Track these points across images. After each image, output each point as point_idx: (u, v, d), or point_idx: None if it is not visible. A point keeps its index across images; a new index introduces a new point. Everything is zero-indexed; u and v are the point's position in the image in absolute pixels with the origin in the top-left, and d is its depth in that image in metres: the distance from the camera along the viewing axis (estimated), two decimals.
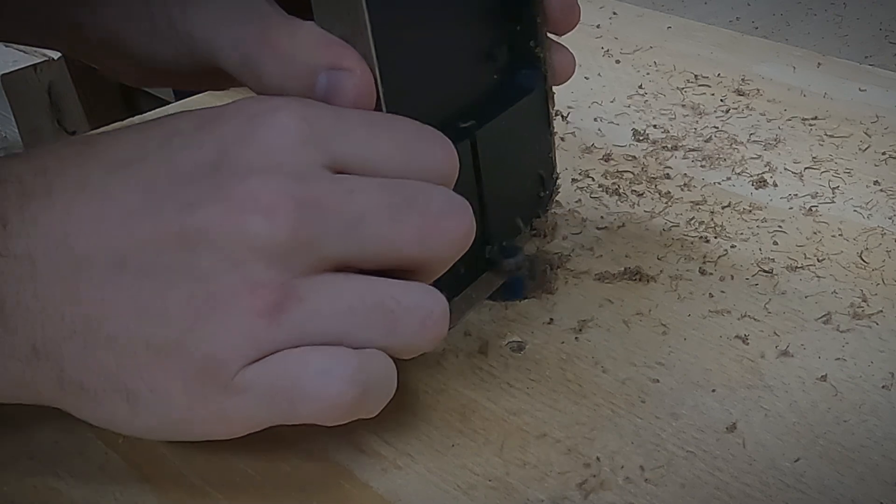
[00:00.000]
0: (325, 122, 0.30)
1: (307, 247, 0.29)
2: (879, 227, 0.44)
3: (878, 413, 0.34)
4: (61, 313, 0.28)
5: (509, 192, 0.41)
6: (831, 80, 0.58)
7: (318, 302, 0.29)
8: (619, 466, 0.32)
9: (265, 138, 0.29)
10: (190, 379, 0.29)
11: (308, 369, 0.29)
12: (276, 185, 0.29)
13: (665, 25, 0.67)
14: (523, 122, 0.42)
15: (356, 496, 0.32)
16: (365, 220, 0.29)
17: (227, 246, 0.28)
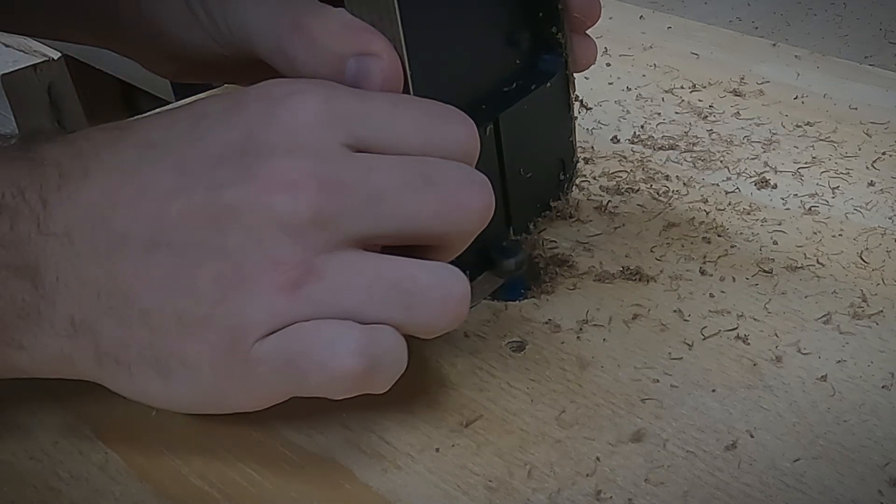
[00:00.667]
0: (347, 104, 0.31)
1: (329, 224, 0.30)
2: (879, 227, 0.44)
3: (878, 413, 0.34)
4: (98, 289, 0.29)
5: (531, 174, 0.42)
6: (831, 80, 0.58)
7: (337, 279, 0.30)
8: (619, 466, 0.32)
9: (289, 119, 0.30)
10: (216, 352, 0.30)
11: (317, 340, 0.30)
12: (299, 164, 0.30)
13: (665, 25, 0.67)
14: (545, 106, 0.43)
15: (356, 496, 0.32)
16: (384, 197, 0.30)
17: (254, 224, 0.29)
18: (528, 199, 0.43)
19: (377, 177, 0.30)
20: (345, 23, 0.34)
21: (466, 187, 0.32)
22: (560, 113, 0.44)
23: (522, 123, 0.41)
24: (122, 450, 0.34)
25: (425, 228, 0.31)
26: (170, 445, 0.34)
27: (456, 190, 0.31)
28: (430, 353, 0.38)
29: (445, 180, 0.31)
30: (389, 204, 0.30)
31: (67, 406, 0.36)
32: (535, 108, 0.42)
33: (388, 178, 0.31)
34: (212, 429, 0.35)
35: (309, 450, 0.34)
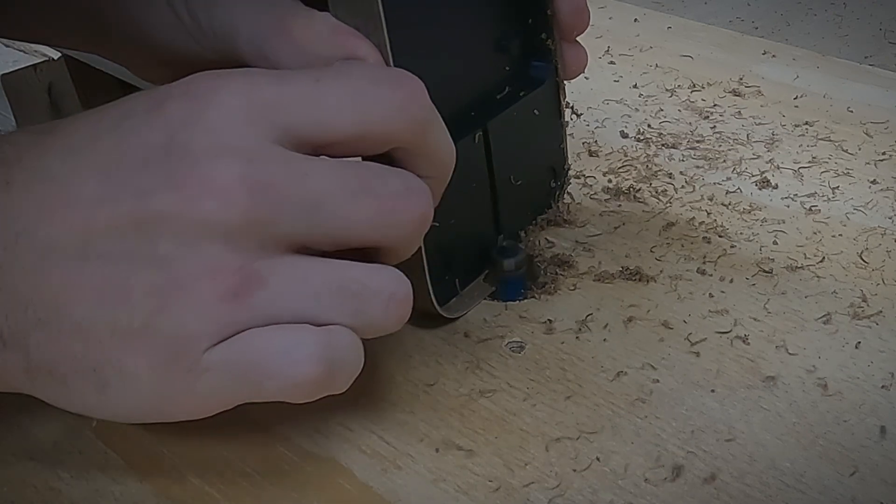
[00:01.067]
0: (268, 94, 0.30)
1: (263, 229, 0.29)
2: (879, 227, 0.44)
3: (878, 413, 0.34)
4: (26, 302, 0.29)
5: (521, 182, 0.42)
6: (831, 80, 0.58)
7: (282, 285, 0.29)
8: (619, 466, 0.32)
9: (209, 119, 0.29)
10: (156, 361, 0.29)
11: (272, 348, 0.29)
12: (226, 168, 0.28)
13: (665, 25, 0.67)
14: (535, 113, 0.42)
15: (356, 496, 0.32)
16: (320, 204, 0.29)
17: (183, 232, 0.28)
18: (519, 207, 0.43)
19: (311, 182, 0.29)
20: (330, 26, 0.33)
21: (402, 195, 0.31)
22: (550, 120, 0.44)
23: (512, 131, 0.41)
24: (122, 450, 0.34)
25: (361, 236, 0.30)
26: (170, 445, 0.34)
27: (392, 198, 0.30)
28: (430, 353, 0.38)
29: (381, 187, 0.30)
30: (324, 211, 0.29)
31: None
32: (525, 115, 0.42)
33: (322, 183, 0.29)
34: (212, 429, 0.34)
35: (309, 450, 0.34)
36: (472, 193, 0.40)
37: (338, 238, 0.30)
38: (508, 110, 0.40)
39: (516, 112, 0.41)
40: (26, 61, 0.96)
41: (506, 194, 0.41)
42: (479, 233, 0.41)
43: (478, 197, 0.40)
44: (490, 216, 0.41)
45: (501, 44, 0.41)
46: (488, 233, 0.42)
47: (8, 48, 0.99)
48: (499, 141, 0.40)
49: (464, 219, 0.39)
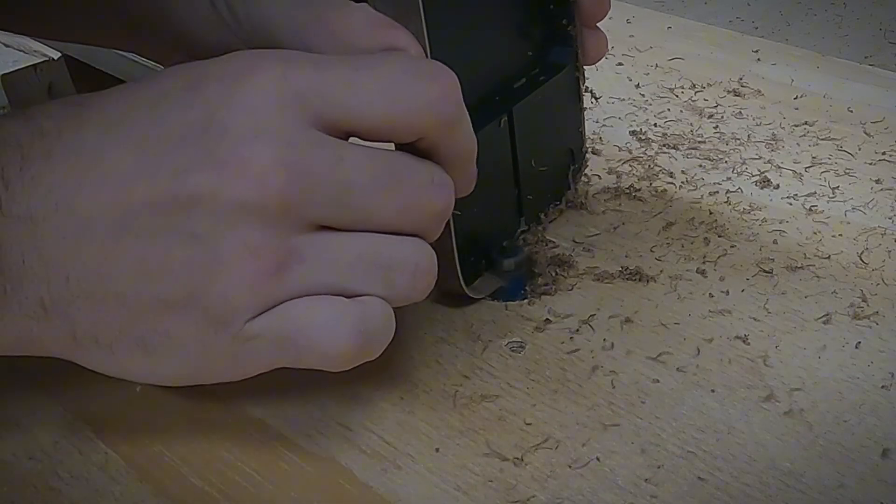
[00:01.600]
0: (304, 77, 0.30)
1: (297, 209, 0.30)
2: (879, 227, 0.44)
3: (878, 413, 0.34)
4: (66, 274, 0.29)
5: (543, 165, 0.43)
6: (831, 80, 0.58)
7: (317, 260, 0.30)
8: (619, 466, 0.32)
9: (247, 100, 0.30)
10: (201, 330, 0.30)
11: (313, 321, 0.30)
12: (263, 150, 0.29)
13: (665, 25, 0.67)
14: (556, 98, 0.43)
15: (356, 496, 0.32)
16: (351, 190, 0.30)
17: (220, 211, 0.29)
18: (540, 190, 0.44)
19: (345, 168, 0.30)
20: (369, 18, 0.34)
21: (428, 188, 0.32)
22: (571, 104, 0.45)
23: (535, 115, 0.42)
24: (122, 450, 0.34)
25: (386, 222, 0.31)
26: (170, 445, 0.34)
27: (418, 189, 0.32)
28: (430, 353, 0.38)
29: (409, 179, 0.31)
30: (354, 196, 0.30)
31: (67, 406, 0.36)
32: (547, 99, 0.42)
33: (355, 170, 0.30)
34: (212, 429, 0.35)
35: (309, 450, 0.34)
36: (497, 177, 0.41)
37: (365, 222, 0.31)
38: (532, 95, 0.41)
39: (539, 97, 0.42)
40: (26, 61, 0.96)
41: (528, 178, 0.42)
42: (503, 215, 0.42)
43: (501, 180, 0.41)
44: (513, 199, 0.42)
45: (524, 30, 0.42)
46: (511, 215, 0.43)
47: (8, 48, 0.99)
48: (522, 125, 0.41)
49: (488, 202, 0.40)
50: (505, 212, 0.42)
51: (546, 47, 0.43)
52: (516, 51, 0.42)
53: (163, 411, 0.35)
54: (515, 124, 0.40)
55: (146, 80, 0.32)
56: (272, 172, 0.29)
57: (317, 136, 0.30)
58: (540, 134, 0.43)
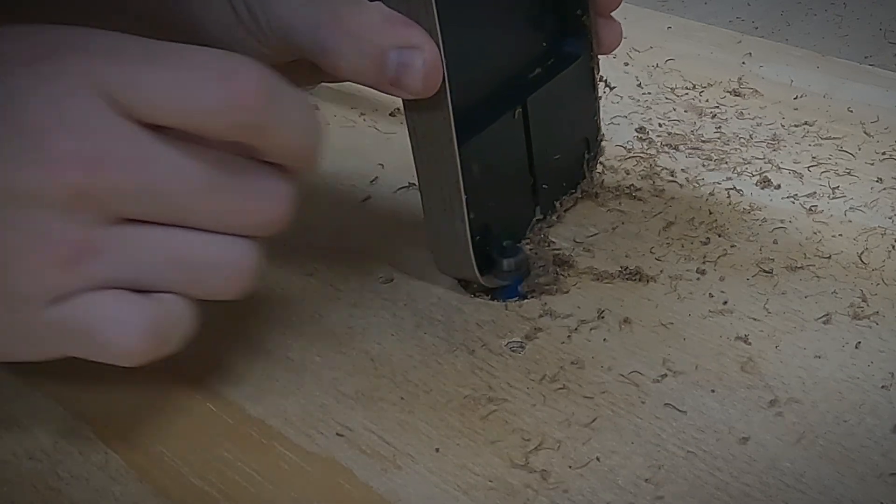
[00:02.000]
0: (108, 67, 0.29)
1: (99, 203, 0.29)
2: (879, 227, 0.44)
3: (878, 413, 0.34)
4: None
5: (558, 155, 0.43)
6: (831, 80, 0.58)
7: (119, 254, 0.29)
8: (619, 466, 0.32)
9: (52, 91, 0.28)
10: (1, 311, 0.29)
11: (104, 316, 0.29)
12: (64, 141, 0.28)
13: (665, 25, 0.67)
14: (571, 88, 0.44)
15: (356, 496, 0.32)
16: (160, 193, 0.29)
17: (17, 199, 0.28)
18: (556, 179, 0.44)
19: (154, 169, 0.29)
20: (384, 15, 0.34)
21: (251, 197, 0.30)
22: (585, 93, 0.45)
23: (550, 106, 0.42)
24: (122, 450, 0.34)
25: (205, 224, 0.30)
26: (170, 445, 0.34)
27: (243, 198, 0.30)
28: (430, 353, 0.38)
29: (229, 187, 0.30)
30: (163, 199, 0.29)
31: (67, 406, 0.36)
32: (562, 90, 0.43)
33: (165, 173, 0.29)
34: (212, 429, 0.35)
35: (309, 450, 0.34)
36: (512, 167, 0.41)
37: (179, 220, 0.30)
38: (546, 86, 0.41)
39: (554, 87, 0.42)
40: None
41: (543, 168, 0.42)
42: (518, 205, 0.43)
43: (517, 171, 0.42)
44: (528, 189, 0.43)
45: (538, 21, 0.42)
46: (527, 205, 0.43)
47: None
48: (537, 115, 0.41)
49: (504, 193, 0.40)
50: (520, 201, 0.43)
51: (560, 38, 0.43)
52: (530, 42, 0.42)
53: (163, 411, 0.35)
54: (530, 115, 0.40)
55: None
56: (70, 164, 0.28)
57: (127, 129, 0.29)
58: (555, 124, 0.43)
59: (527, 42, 0.42)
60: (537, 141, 0.41)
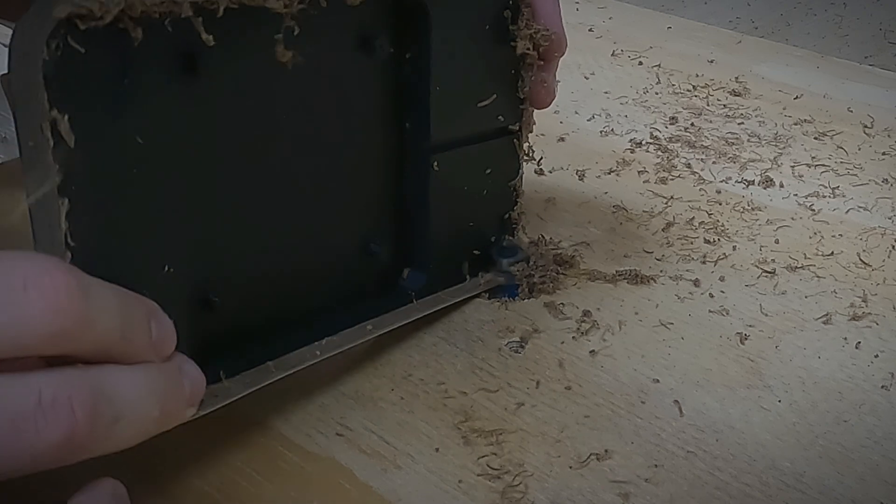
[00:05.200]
0: None
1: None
2: (879, 227, 0.44)
3: (878, 413, 0.34)
4: None
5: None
6: (831, 80, 0.58)
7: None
8: (619, 466, 0.32)
9: None
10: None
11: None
12: None
13: (665, 25, 0.67)
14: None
15: (356, 496, 0.32)
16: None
17: None
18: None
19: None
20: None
21: (22, 422, 0.24)
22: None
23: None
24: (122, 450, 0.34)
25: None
26: (170, 445, 0.34)
27: (6, 431, 0.24)
28: (429, 353, 0.38)
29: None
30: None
31: None
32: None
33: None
34: (212, 429, 0.34)
35: (309, 450, 0.34)
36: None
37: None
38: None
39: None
40: None
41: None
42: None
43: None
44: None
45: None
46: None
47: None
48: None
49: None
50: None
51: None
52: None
53: None
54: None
55: None
56: None
57: None
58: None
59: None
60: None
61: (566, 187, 0.48)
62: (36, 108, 0.25)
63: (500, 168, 0.40)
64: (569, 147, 0.52)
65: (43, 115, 0.25)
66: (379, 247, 0.38)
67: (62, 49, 0.25)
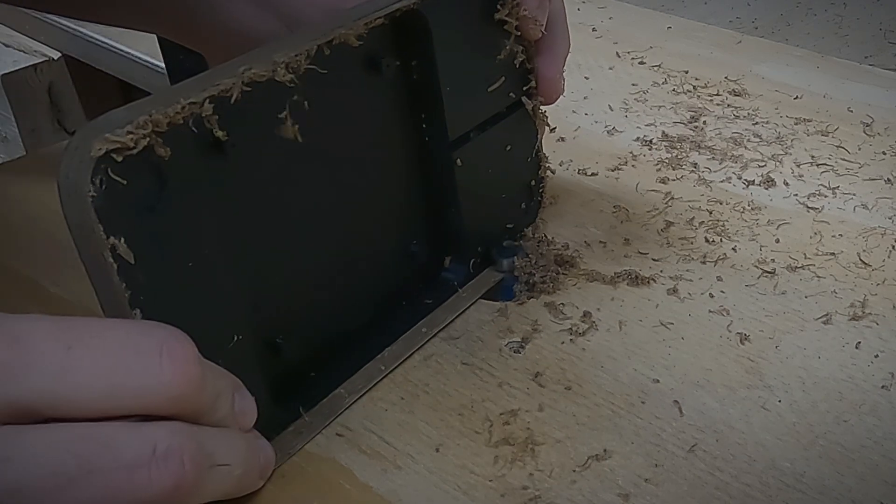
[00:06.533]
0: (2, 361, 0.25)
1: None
2: (880, 227, 0.44)
3: (878, 413, 0.34)
4: None
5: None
6: (831, 80, 0.58)
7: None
8: (619, 466, 0.32)
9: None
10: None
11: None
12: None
13: (665, 25, 0.67)
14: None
15: (356, 496, 0.32)
16: (23, 496, 0.25)
17: None
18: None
19: (12, 469, 0.25)
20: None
21: (143, 464, 0.26)
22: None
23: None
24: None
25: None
26: None
27: (125, 471, 0.26)
28: (430, 353, 0.38)
29: (111, 460, 0.25)
30: (28, 499, 0.25)
31: None
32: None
33: (26, 470, 0.25)
34: None
35: (309, 450, 0.34)
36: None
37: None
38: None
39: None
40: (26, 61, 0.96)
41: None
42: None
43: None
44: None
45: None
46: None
47: (8, 48, 0.99)
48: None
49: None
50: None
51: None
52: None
53: None
54: None
55: None
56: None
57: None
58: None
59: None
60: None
61: (566, 187, 0.48)
62: (94, 239, 0.27)
63: (519, 140, 0.43)
64: (569, 147, 0.52)
65: (102, 245, 0.27)
66: (418, 246, 0.40)
67: (105, 183, 0.27)
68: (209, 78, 0.30)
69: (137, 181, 0.28)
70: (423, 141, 0.39)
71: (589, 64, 0.61)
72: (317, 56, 0.32)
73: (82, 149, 0.27)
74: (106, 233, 0.27)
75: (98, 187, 0.26)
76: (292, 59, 0.32)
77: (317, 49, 0.32)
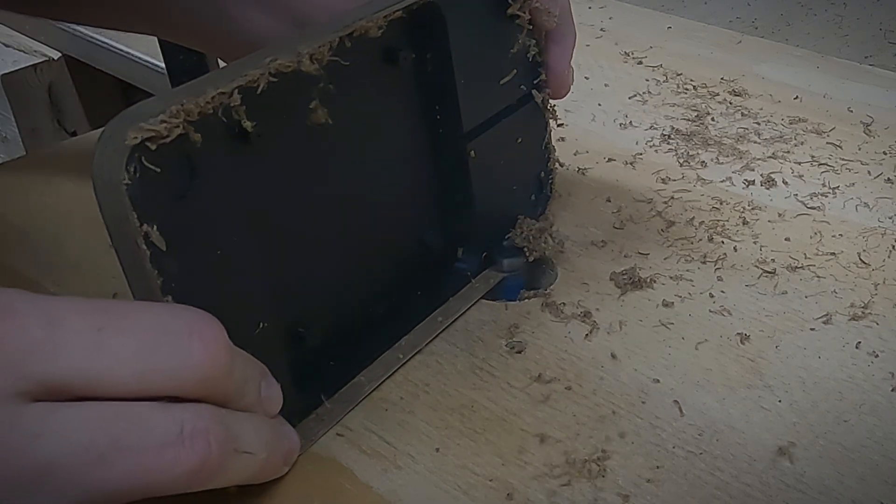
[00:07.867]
0: (32, 341, 0.26)
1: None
2: (880, 227, 0.44)
3: (878, 413, 0.34)
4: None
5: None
6: (831, 80, 0.58)
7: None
8: (619, 466, 0.32)
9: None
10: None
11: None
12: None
13: (665, 25, 0.67)
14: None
15: (356, 496, 0.32)
16: (54, 472, 0.25)
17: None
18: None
19: (44, 446, 0.25)
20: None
21: (172, 443, 0.26)
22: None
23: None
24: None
25: (117, 493, 0.26)
26: None
27: (155, 449, 0.26)
28: (429, 353, 0.38)
29: (142, 438, 0.26)
30: (58, 478, 0.25)
31: None
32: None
33: (59, 446, 0.25)
34: None
35: (309, 450, 0.34)
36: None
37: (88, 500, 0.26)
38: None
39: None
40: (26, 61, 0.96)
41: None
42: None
43: None
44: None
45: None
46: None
47: (8, 48, 0.99)
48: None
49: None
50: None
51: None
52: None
53: None
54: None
55: None
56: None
57: (13, 410, 0.25)
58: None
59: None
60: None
61: (566, 187, 0.48)
62: (127, 226, 0.27)
63: (530, 132, 0.43)
64: (569, 147, 0.52)
65: (135, 232, 0.27)
66: (432, 237, 0.40)
67: (139, 171, 0.27)
68: (237, 69, 0.30)
69: (170, 169, 0.28)
70: (437, 132, 0.39)
71: (589, 64, 0.61)
72: (339, 48, 0.33)
73: (116, 138, 0.27)
74: (140, 220, 0.27)
75: (132, 175, 0.27)
76: (316, 50, 0.32)
77: (339, 41, 0.33)
